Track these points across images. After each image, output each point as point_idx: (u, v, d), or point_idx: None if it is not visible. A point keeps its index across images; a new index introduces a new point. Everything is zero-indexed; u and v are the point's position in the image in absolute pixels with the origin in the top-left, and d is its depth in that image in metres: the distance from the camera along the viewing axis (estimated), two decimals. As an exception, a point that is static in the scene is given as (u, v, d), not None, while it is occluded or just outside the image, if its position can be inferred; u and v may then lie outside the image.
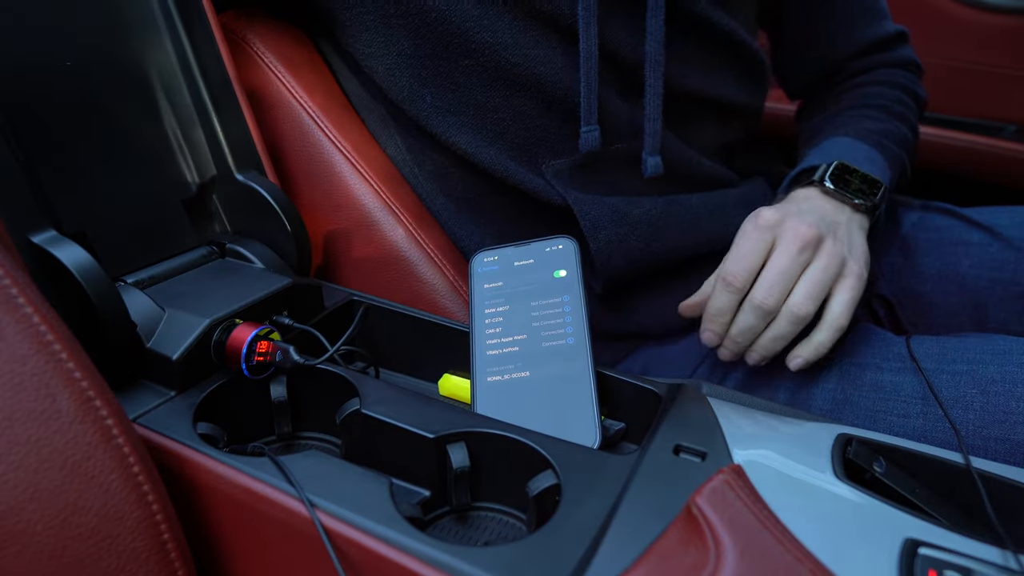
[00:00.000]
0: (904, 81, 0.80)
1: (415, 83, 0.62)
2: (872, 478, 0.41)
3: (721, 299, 0.56)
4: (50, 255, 0.43)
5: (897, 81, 0.79)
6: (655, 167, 0.63)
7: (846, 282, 0.55)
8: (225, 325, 0.47)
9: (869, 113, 0.74)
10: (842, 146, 0.68)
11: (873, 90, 0.78)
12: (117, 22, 0.52)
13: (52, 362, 0.36)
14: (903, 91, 0.79)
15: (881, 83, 0.79)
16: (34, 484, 0.35)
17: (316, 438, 0.50)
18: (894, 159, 0.70)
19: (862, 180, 0.62)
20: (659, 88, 0.61)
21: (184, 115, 0.55)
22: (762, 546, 0.33)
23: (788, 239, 0.54)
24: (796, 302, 0.54)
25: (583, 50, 0.58)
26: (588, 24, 0.57)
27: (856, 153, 0.66)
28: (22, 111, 0.46)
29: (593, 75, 0.59)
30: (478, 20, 0.58)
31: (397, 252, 0.63)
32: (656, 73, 0.61)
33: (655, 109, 0.61)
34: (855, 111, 0.75)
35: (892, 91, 0.78)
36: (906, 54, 0.82)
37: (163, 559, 0.38)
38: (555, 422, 0.45)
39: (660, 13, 0.59)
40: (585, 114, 0.60)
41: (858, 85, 0.80)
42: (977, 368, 0.54)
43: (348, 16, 0.62)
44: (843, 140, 0.69)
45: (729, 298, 0.55)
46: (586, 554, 0.34)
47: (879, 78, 0.80)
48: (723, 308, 0.56)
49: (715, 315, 0.56)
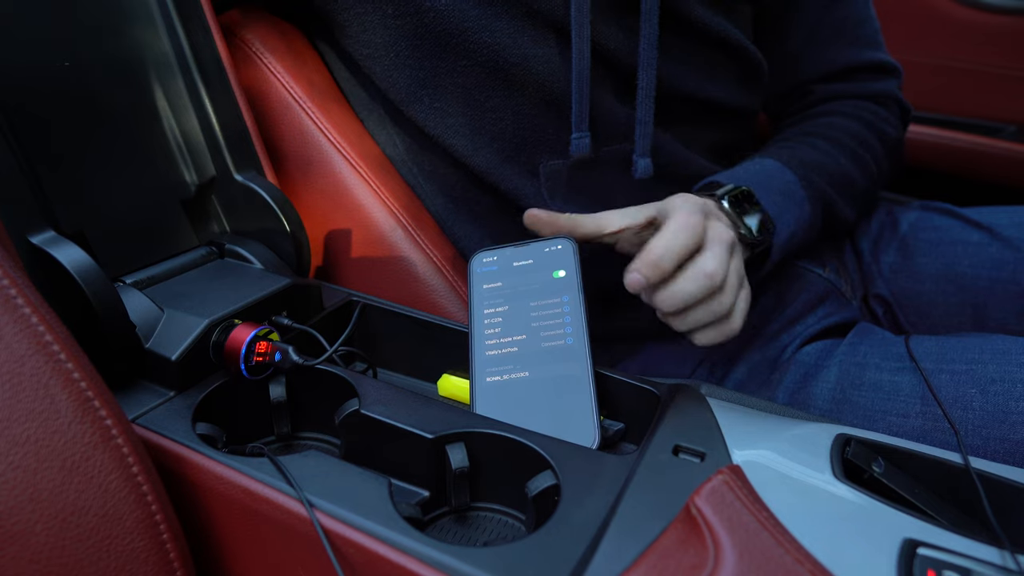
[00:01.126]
0: (870, 116, 0.76)
1: (413, 84, 0.62)
2: (871, 478, 0.41)
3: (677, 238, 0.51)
4: (49, 255, 0.43)
5: (861, 115, 0.75)
6: (645, 169, 0.63)
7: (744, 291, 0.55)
8: (224, 325, 0.47)
9: (814, 142, 0.71)
10: (765, 171, 0.64)
11: (830, 120, 0.74)
12: (116, 23, 0.52)
13: (51, 362, 0.36)
14: (866, 127, 0.75)
15: (843, 114, 0.75)
16: (33, 485, 0.35)
17: (315, 438, 0.50)
18: (817, 196, 0.66)
19: (759, 214, 0.59)
20: (651, 91, 0.61)
21: (183, 116, 0.55)
22: (761, 546, 0.33)
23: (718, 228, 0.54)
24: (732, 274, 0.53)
25: (575, 51, 0.58)
26: (581, 25, 0.57)
27: (775, 182, 0.63)
28: (21, 112, 0.46)
29: (585, 78, 0.59)
30: (477, 20, 0.58)
31: (396, 252, 0.63)
32: (649, 76, 0.60)
33: (647, 112, 0.61)
34: (801, 138, 0.72)
35: (851, 124, 0.74)
36: (885, 88, 0.78)
37: (162, 559, 0.38)
38: (554, 422, 0.45)
39: (654, 17, 0.59)
40: (576, 119, 0.60)
41: (819, 113, 0.76)
42: (976, 368, 0.54)
43: (346, 17, 0.62)
44: (770, 164, 0.65)
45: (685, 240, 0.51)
46: (585, 554, 0.34)
47: (843, 108, 0.76)
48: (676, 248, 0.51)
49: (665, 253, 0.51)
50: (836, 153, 0.70)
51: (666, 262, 0.50)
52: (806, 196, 0.64)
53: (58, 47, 0.48)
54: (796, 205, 0.63)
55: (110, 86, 0.51)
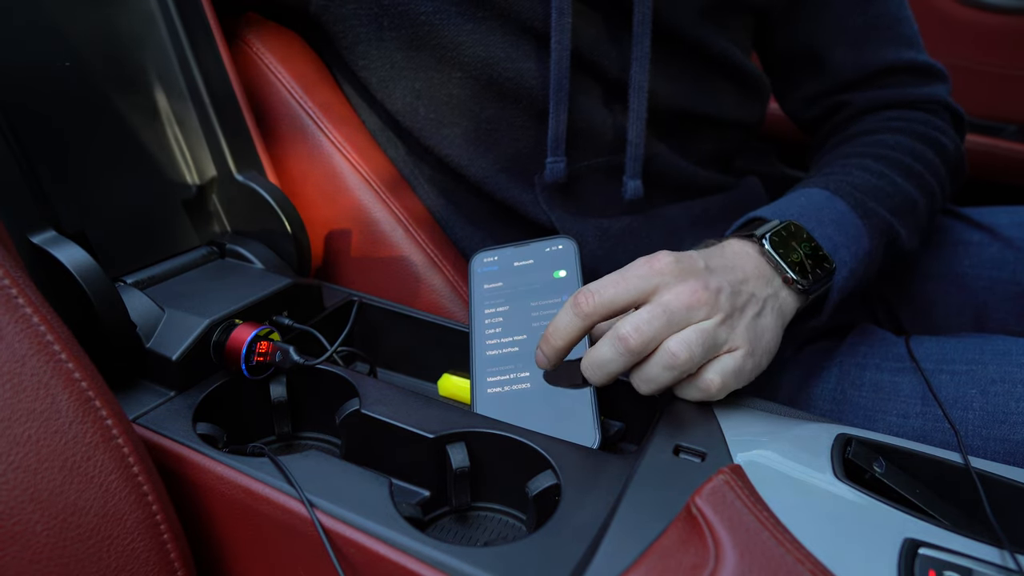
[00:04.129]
0: (922, 128, 0.66)
1: (408, 95, 0.62)
2: (872, 478, 0.41)
3: (563, 317, 0.44)
4: (50, 255, 0.43)
5: (912, 127, 0.65)
6: (635, 191, 0.63)
7: (733, 353, 0.44)
8: (225, 325, 0.47)
9: (864, 163, 0.61)
10: (812, 202, 0.55)
11: (877, 137, 0.65)
12: (117, 23, 0.52)
13: (52, 362, 0.36)
14: (920, 139, 0.64)
15: (890, 129, 0.65)
16: (34, 484, 0.35)
17: (316, 438, 0.50)
18: (877, 227, 0.56)
19: (811, 252, 0.50)
20: (642, 113, 0.60)
21: (184, 116, 0.55)
22: (762, 546, 0.33)
23: (677, 292, 0.43)
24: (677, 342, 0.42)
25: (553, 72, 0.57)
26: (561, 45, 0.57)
27: (826, 214, 0.54)
28: (22, 112, 0.46)
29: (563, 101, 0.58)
30: (471, 34, 0.58)
31: (397, 252, 0.63)
32: (640, 99, 0.60)
33: (638, 134, 0.61)
34: (845, 160, 0.62)
35: (902, 138, 0.64)
36: (932, 93, 0.69)
37: (163, 559, 0.38)
38: (555, 422, 0.45)
39: (646, 39, 0.58)
40: (552, 143, 0.60)
41: (862, 132, 0.67)
42: (977, 368, 0.54)
43: (341, 28, 0.62)
44: (816, 194, 0.56)
45: (571, 319, 0.44)
46: (586, 554, 0.34)
47: (889, 122, 0.66)
48: (562, 326, 0.44)
49: (551, 333, 0.44)
50: (891, 174, 0.60)
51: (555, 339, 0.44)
52: (863, 227, 0.55)
53: (59, 47, 0.48)
54: (853, 239, 0.54)
55: (111, 86, 0.51)
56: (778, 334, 0.47)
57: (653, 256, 0.45)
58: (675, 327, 0.42)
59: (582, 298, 0.44)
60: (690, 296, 0.43)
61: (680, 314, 0.42)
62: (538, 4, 0.57)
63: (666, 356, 0.42)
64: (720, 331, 0.43)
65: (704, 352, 0.42)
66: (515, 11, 0.57)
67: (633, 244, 0.64)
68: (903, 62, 0.69)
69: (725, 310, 0.44)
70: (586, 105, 0.61)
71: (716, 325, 0.43)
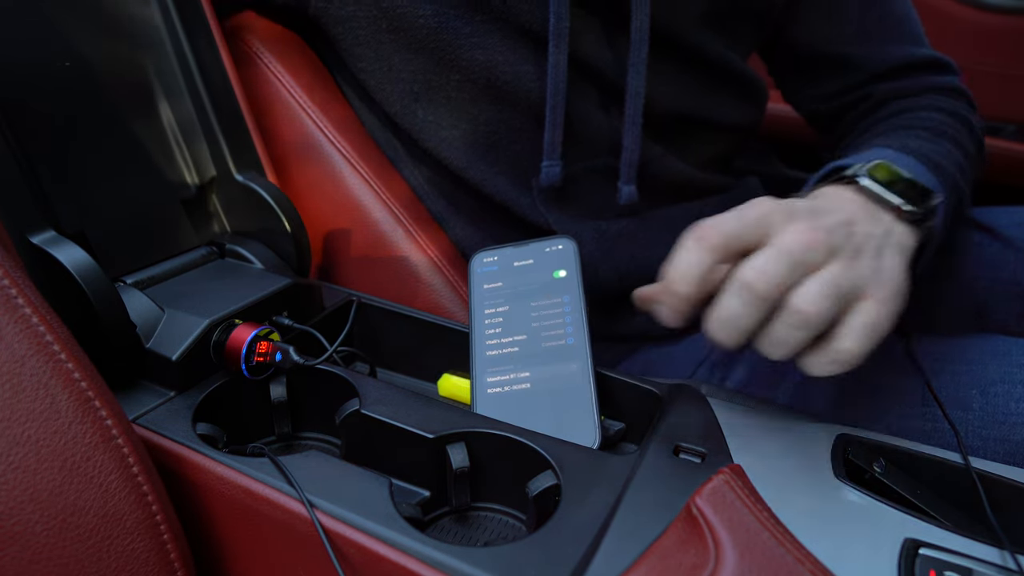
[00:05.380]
0: (950, 106, 0.66)
1: (407, 97, 0.62)
2: (872, 478, 0.41)
3: (685, 257, 0.40)
4: (49, 255, 0.43)
5: (942, 106, 0.65)
6: (630, 195, 0.62)
7: (864, 304, 0.40)
8: (225, 325, 0.47)
9: (915, 133, 0.59)
10: (883, 156, 0.52)
11: (914, 114, 0.64)
12: (116, 23, 0.52)
13: (51, 362, 0.36)
14: (951, 116, 0.64)
15: (922, 107, 0.65)
16: (33, 485, 0.35)
17: (316, 438, 0.50)
18: (948, 183, 0.54)
19: (909, 186, 0.47)
20: (638, 119, 0.60)
21: (183, 115, 0.55)
22: (762, 546, 0.33)
23: (791, 232, 0.39)
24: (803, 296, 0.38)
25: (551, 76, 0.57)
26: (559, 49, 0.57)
27: (902, 163, 0.51)
28: (21, 111, 0.46)
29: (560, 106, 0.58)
30: (469, 37, 0.58)
31: (396, 252, 0.63)
32: (636, 104, 0.60)
33: (633, 140, 0.61)
34: (896, 131, 0.61)
35: (936, 115, 0.64)
36: (950, 82, 0.70)
37: (163, 560, 0.38)
38: (555, 422, 0.45)
39: (644, 46, 0.58)
40: (548, 147, 0.60)
41: (895, 111, 0.66)
42: (977, 368, 0.54)
43: (340, 30, 0.62)
44: (882, 151, 0.53)
45: (696, 256, 0.40)
46: (586, 554, 0.34)
47: (920, 102, 0.66)
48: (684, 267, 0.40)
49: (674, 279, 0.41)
50: (940, 141, 0.58)
51: (680, 285, 0.40)
52: (938, 182, 0.53)
53: (59, 47, 0.48)
54: (935, 185, 0.52)
55: (111, 86, 0.51)
56: (903, 272, 0.43)
57: (753, 201, 0.41)
58: (797, 271, 0.38)
59: (706, 231, 0.40)
60: (805, 235, 0.39)
61: (799, 255, 0.38)
62: (536, 8, 0.57)
63: (793, 314, 0.38)
64: (843, 278, 0.39)
65: (832, 303, 0.38)
66: (514, 15, 0.57)
67: (631, 245, 0.64)
68: (918, 57, 0.70)
69: (845, 251, 0.40)
70: (583, 109, 0.61)
71: (839, 271, 0.39)
